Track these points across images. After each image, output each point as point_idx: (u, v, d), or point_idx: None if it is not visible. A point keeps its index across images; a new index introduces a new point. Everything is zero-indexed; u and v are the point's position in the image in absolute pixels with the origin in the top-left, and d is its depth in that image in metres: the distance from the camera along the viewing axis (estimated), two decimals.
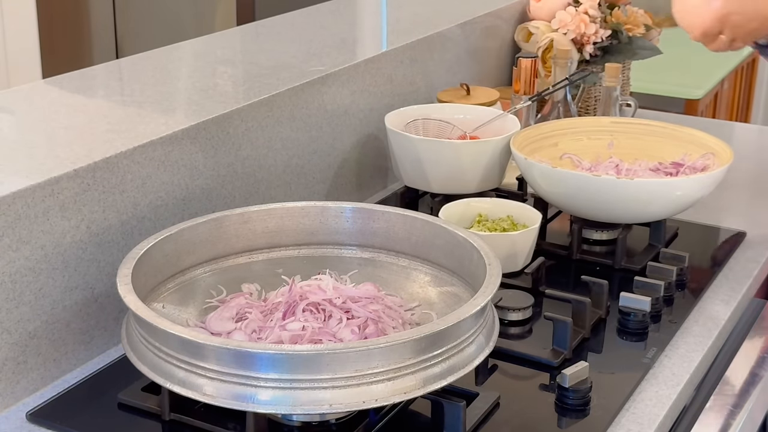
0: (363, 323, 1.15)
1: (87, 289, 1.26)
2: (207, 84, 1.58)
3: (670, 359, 1.29)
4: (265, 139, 1.52)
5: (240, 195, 1.48)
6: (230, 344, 1.02)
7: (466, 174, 1.64)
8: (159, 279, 1.21)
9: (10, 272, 1.16)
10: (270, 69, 1.66)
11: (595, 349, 1.31)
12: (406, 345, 1.01)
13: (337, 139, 1.70)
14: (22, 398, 1.20)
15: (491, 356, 1.17)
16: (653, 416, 1.17)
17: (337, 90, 1.67)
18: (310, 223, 1.31)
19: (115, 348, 1.30)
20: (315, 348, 1.00)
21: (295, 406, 0.99)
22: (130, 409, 1.15)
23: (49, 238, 1.20)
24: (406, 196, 1.74)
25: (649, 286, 1.41)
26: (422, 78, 1.92)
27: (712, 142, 1.66)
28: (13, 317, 1.17)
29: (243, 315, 1.19)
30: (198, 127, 1.39)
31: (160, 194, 1.34)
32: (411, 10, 2.15)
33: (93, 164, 1.24)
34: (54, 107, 1.47)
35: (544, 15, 2.23)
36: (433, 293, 1.27)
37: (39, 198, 1.18)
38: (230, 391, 1.00)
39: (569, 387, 1.16)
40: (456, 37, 2.02)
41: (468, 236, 1.21)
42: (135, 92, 1.56)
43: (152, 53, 1.76)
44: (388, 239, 1.30)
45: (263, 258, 1.31)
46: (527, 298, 1.36)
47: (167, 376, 1.04)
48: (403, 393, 1.02)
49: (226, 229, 1.28)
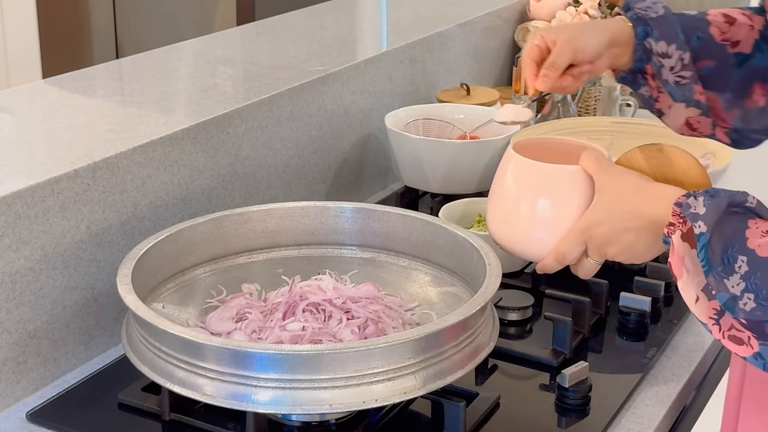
0: (363, 323, 1.15)
1: (87, 289, 1.26)
2: (207, 84, 1.58)
3: (670, 359, 1.29)
4: (265, 139, 1.52)
5: (240, 195, 1.48)
6: (230, 344, 1.02)
7: (466, 174, 1.64)
8: (159, 279, 1.21)
9: (10, 272, 1.16)
10: (270, 69, 1.66)
11: (595, 349, 1.31)
12: (406, 345, 1.01)
13: (337, 139, 1.70)
14: (22, 398, 1.20)
15: (491, 356, 1.17)
16: (653, 416, 1.17)
17: (337, 90, 1.67)
18: (310, 223, 1.31)
19: (115, 348, 1.30)
20: (315, 348, 1.00)
21: (295, 406, 0.99)
22: (130, 409, 1.15)
23: (49, 238, 1.20)
24: (406, 196, 1.74)
25: (649, 286, 1.41)
26: (422, 78, 1.92)
27: (712, 141, 1.65)
28: (13, 317, 1.17)
29: (243, 315, 1.19)
30: (198, 127, 1.39)
31: (160, 194, 1.34)
32: (411, 10, 2.15)
33: (93, 164, 1.24)
34: (54, 107, 1.47)
35: (544, 15, 2.23)
36: (433, 293, 1.27)
37: (39, 198, 1.17)
38: (230, 391, 1.00)
39: (569, 387, 1.16)
40: (456, 37, 2.02)
41: (468, 236, 1.21)
42: (135, 92, 1.56)
43: (152, 53, 1.76)
44: (388, 239, 1.30)
45: (263, 258, 1.31)
46: (527, 298, 1.36)
47: (167, 376, 1.04)
48: (403, 393, 1.02)
49: (226, 229, 1.28)
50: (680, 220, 0.97)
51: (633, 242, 1.04)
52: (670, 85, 1.17)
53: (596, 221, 1.05)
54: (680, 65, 1.16)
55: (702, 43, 1.18)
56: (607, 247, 1.05)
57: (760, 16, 1.20)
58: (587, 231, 1.06)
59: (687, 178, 1.08)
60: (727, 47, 1.18)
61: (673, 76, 1.17)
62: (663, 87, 1.18)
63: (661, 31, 1.16)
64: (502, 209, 1.13)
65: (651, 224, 1.01)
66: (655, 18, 1.16)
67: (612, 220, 1.04)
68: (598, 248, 1.06)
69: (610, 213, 1.05)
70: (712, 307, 0.94)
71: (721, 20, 1.19)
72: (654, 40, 1.16)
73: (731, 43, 1.18)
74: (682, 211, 0.96)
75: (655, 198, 1.02)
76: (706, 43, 1.18)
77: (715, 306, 0.94)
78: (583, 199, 1.08)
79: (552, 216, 1.09)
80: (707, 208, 0.94)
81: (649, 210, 1.01)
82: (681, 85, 1.17)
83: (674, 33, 1.16)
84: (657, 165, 1.09)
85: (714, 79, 1.19)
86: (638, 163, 1.09)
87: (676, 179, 1.08)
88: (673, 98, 1.18)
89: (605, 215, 1.05)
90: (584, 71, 1.17)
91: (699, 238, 0.93)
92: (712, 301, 0.94)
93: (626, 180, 1.05)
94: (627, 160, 1.10)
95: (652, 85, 1.19)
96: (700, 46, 1.17)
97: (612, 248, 1.05)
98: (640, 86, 1.20)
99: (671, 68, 1.16)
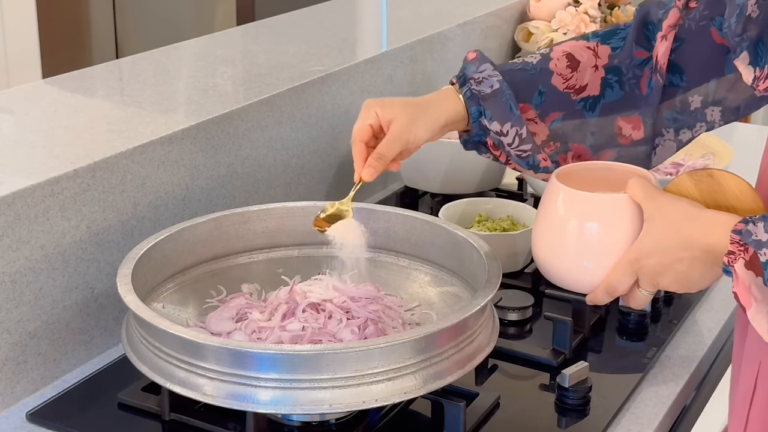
0: (363, 323, 1.15)
1: (87, 289, 1.26)
2: (207, 84, 1.58)
3: (670, 359, 1.29)
4: (265, 139, 1.52)
5: (240, 195, 1.48)
6: (230, 344, 1.02)
7: (466, 174, 1.64)
8: (159, 279, 1.21)
9: (10, 272, 1.16)
10: (270, 69, 1.66)
11: (595, 349, 1.31)
12: (406, 345, 1.01)
13: (337, 139, 1.70)
14: (22, 398, 1.20)
15: (491, 356, 1.17)
16: (653, 416, 1.17)
17: (337, 90, 1.67)
18: (310, 223, 1.31)
19: (115, 348, 1.30)
20: (315, 348, 1.00)
21: (295, 406, 0.99)
22: (130, 409, 1.15)
23: (49, 238, 1.20)
24: (406, 196, 1.74)
25: None
26: (422, 78, 1.92)
27: (712, 141, 1.66)
28: (13, 317, 1.17)
29: (243, 315, 1.19)
30: (198, 127, 1.39)
31: (160, 194, 1.34)
32: (411, 10, 2.15)
33: (93, 164, 1.24)
34: (54, 107, 1.47)
35: (544, 15, 2.23)
36: (433, 293, 1.27)
37: (39, 198, 1.17)
38: (230, 391, 1.00)
39: (569, 387, 1.16)
40: (456, 37, 2.02)
41: (468, 236, 1.21)
42: (135, 92, 1.56)
43: (152, 53, 1.76)
44: (388, 239, 1.30)
45: (263, 258, 1.31)
46: (527, 298, 1.36)
47: (167, 376, 1.04)
48: (403, 393, 1.02)
49: (226, 229, 1.28)
50: (740, 248, 0.94)
51: (686, 272, 1.01)
52: (513, 157, 1.17)
53: (647, 252, 1.02)
54: (518, 140, 1.15)
55: (545, 98, 1.17)
56: (660, 277, 1.02)
57: (605, 45, 1.18)
58: (638, 262, 1.03)
59: (739, 203, 1.04)
60: (570, 95, 1.18)
61: (514, 151, 1.16)
62: (509, 156, 1.18)
63: (493, 111, 1.15)
64: (548, 240, 1.10)
65: (705, 253, 0.98)
66: (488, 95, 1.15)
67: (663, 250, 1.01)
68: (650, 279, 1.03)
69: (660, 243, 1.01)
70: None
71: (564, 65, 1.18)
72: (487, 120, 1.15)
73: (575, 90, 1.18)
74: (742, 239, 0.93)
75: (709, 226, 0.98)
76: (550, 96, 1.17)
77: None
78: (631, 228, 1.05)
79: (600, 247, 1.06)
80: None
81: (703, 238, 0.98)
82: (524, 158, 1.17)
83: (507, 111, 1.15)
84: (707, 190, 1.05)
85: (569, 128, 1.18)
86: (688, 189, 1.05)
87: (728, 204, 1.04)
88: (521, 167, 1.18)
89: (656, 245, 1.01)
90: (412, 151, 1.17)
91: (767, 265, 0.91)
92: None
93: (676, 208, 1.02)
94: (676, 186, 1.06)
95: (496, 153, 1.19)
96: (543, 101, 1.17)
97: (665, 278, 1.02)
98: (484, 153, 1.20)
99: (509, 144, 1.16)
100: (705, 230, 0.99)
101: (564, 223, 1.08)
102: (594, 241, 1.06)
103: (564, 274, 1.10)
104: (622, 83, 1.18)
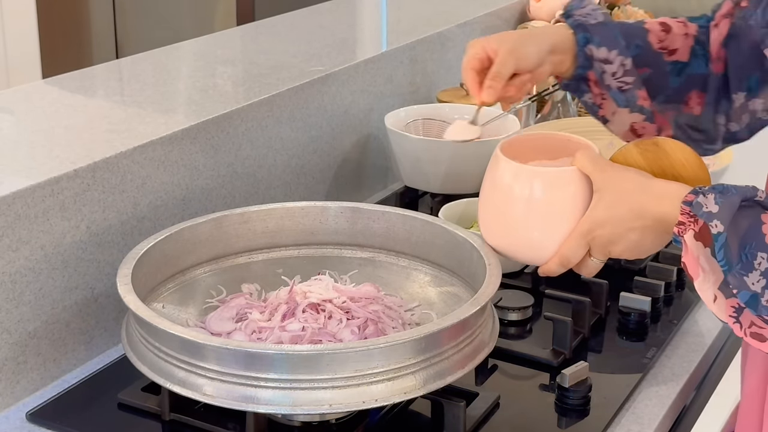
0: (363, 323, 1.16)
1: (87, 289, 1.26)
2: (207, 84, 1.58)
3: (670, 359, 1.29)
4: (265, 139, 1.52)
5: (240, 195, 1.48)
6: (230, 344, 1.02)
7: (466, 174, 1.64)
8: (159, 279, 1.21)
9: (10, 272, 1.16)
10: (270, 69, 1.66)
11: (595, 349, 1.31)
12: (406, 345, 1.01)
13: (337, 139, 1.70)
14: (22, 398, 1.20)
15: (491, 356, 1.17)
16: (653, 416, 1.17)
17: (337, 90, 1.67)
18: (310, 223, 1.31)
19: (115, 348, 1.30)
20: (315, 348, 1.00)
21: (295, 406, 0.99)
22: (130, 409, 1.15)
23: (49, 238, 1.20)
24: (406, 196, 1.74)
25: (649, 286, 1.41)
26: (422, 78, 1.92)
27: None
28: (13, 317, 1.17)
29: (243, 315, 1.19)
30: (198, 127, 1.39)
31: (160, 194, 1.34)
32: (411, 10, 2.15)
33: (93, 164, 1.24)
34: (54, 107, 1.47)
35: (544, 15, 2.23)
36: (433, 293, 1.27)
37: (39, 198, 1.17)
38: (230, 391, 1.00)
39: (569, 387, 1.16)
40: (456, 37, 2.02)
41: (468, 236, 1.21)
42: (135, 92, 1.56)
43: (152, 53, 1.76)
44: (388, 239, 1.30)
45: (263, 258, 1.31)
46: (527, 298, 1.36)
47: (167, 376, 1.04)
48: (403, 393, 1.02)
49: (226, 229, 1.28)
50: (691, 219, 0.96)
51: (638, 240, 1.04)
52: (613, 90, 1.17)
53: (599, 222, 1.05)
54: (622, 71, 1.16)
55: (640, 51, 1.17)
56: (612, 246, 1.05)
57: (695, 23, 1.19)
58: (591, 233, 1.05)
59: (685, 171, 1.07)
60: (664, 55, 1.18)
61: (616, 82, 1.16)
62: (606, 93, 1.17)
63: (601, 37, 1.15)
64: (496, 216, 1.11)
65: (657, 222, 1.01)
66: (595, 24, 1.16)
67: (615, 221, 1.04)
68: (603, 248, 1.06)
69: (612, 213, 1.04)
70: (731, 305, 0.94)
71: (658, 28, 1.18)
72: (595, 46, 1.15)
73: (668, 52, 1.18)
74: (693, 210, 0.95)
75: (659, 196, 1.01)
76: (645, 51, 1.17)
77: (734, 304, 0.94)
78: (580, 200, 1.07)
79: (551, 220, 1.08)
80: (720, 205, 0.93)
81: (656, 208, 1.01)
82: (624, 91, 1.16)
83: (615, 39, 1.15)
84: (654, 159, 1.08)
85: (651, 87, 1.18)
86: (634, 158, 1.08)
87: (674, 172, 1.07)
88: (617, 104, 1.18)
89: (608, 216, 1.04)
90: (525, 80, 1.16)
91: (717, 237, 0.92)
92: (731, 299, 0.94)
93: (626, 178, 1.04)
94: (623, 156, 1.09)
95: (595, 92, 1.19)
96: (638, 53, 1.17)
97: (617, 247, 1.05)
98: (584, 93, 1.20)
99: (613, 74, 1.16)
100: (657, 200, 1.01)
101: (513, 199, 1.09)
102: (544, 214, 1.08)
103: (515, 248, 1.12)
104: (706, 58, 1.19)
